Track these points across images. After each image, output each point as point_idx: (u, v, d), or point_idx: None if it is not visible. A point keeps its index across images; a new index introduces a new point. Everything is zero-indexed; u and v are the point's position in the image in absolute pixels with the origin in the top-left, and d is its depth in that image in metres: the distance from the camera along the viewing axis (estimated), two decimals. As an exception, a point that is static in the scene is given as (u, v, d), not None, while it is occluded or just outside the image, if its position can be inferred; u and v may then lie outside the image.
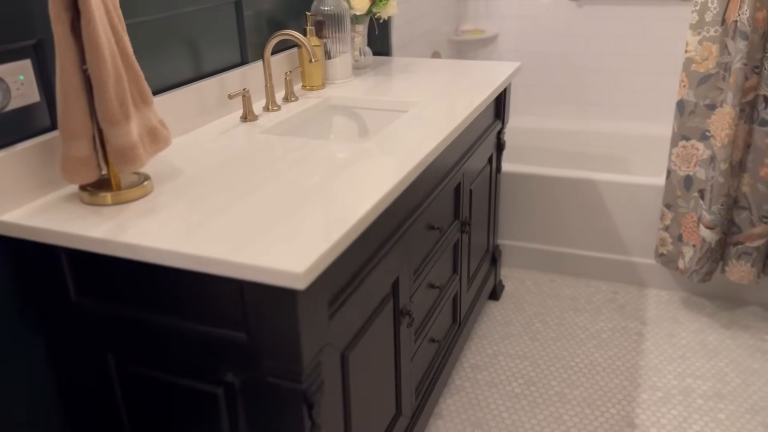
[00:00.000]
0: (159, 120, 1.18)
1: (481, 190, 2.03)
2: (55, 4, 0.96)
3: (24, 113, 1.11)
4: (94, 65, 1.00)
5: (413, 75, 1.99)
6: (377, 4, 1.99)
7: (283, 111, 1.67)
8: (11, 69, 1.07)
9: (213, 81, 1.58)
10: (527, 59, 3.05)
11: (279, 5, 1.84)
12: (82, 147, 1.07)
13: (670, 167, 2.13)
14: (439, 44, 2.86)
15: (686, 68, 1.99)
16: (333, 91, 1.85)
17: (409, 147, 1.35)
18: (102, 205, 1.11)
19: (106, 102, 1.03)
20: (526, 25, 3.00)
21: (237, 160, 1.30)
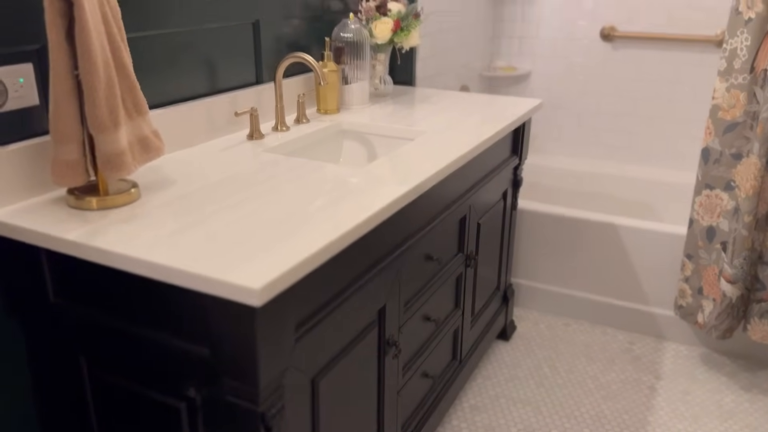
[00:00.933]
0: (153, 130, 1.19)
1: (493, 226, 1.99)
2: (50, 11, 0.99)
3: (21, 115, 1.14)
4: (85, 71, 1.02)
5: (432, 105, 1.98)
6: (399, 34, 2.00)
7: (291, 132, 1.68)
8: (12, 71, 1.10)
9: (225, 98, 1.60)
10: (559, 99, 3.01)
11: (301, 30, 1.87)
12: (72, 151, 1.08)
13: (692, 216, 2.05)
14: (469, 79, 2.86)
15: (713, 115, 1.92)
16: (347, 116, 1.85)
17: (407, 172, 1.34)
18: (87, 209, 1.12)
19: (95, 108, 1.05)
20: (560, 65, 2.97)
21: (233, 176, 1.31)
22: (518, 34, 3.01)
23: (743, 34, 1.81)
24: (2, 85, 1.08)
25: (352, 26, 1.90)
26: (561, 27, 2.92)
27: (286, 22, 1.79)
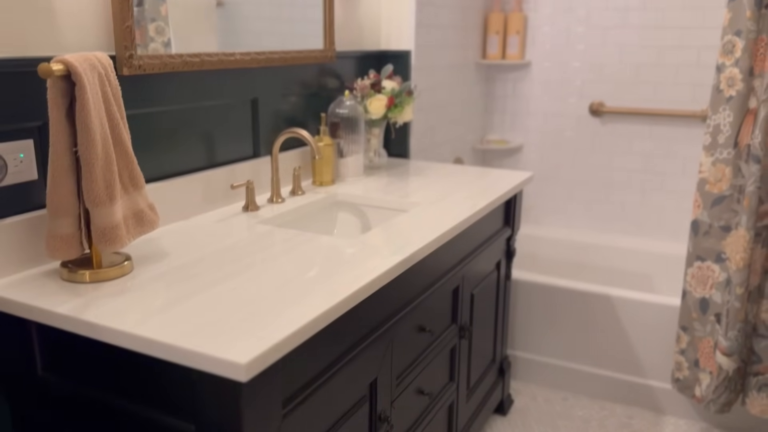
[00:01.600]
0: (148, 204, 1.22)
1: (487, 296, 1.99)
2: (52, 90, 1.03)
3: (19, 189, 1.17)
4: (84, 148, 1.06)
5: (425, 178, 2.02)
6: (393, 110, 2.06)
7: (286, 203, 1.71)
8: (13, 147, 1.14)
9: (222, 171, 1.63)
10: (552, 171, 3.07)
11: (298, 106, 1.93)
12: (67, 225, 1.10)
13: (685, 288, 2.05)
14: (463, 151, 2.92)
15: (700, 189, 1.96)
16: (342, 188, 1.89)
17: (400, 243, 1.35)
18: (80, 282, 1.13)
19: (92, 183, 1.08)
20: (551, 138, 3.04)
21: (227, 248, 1.32)
22: (509, 109, 3.10)
23: (725, 110, 1.87)
24: (2, 160, 1.12)
25: (348, 103, 1.96)
26: (551, 103, 3.01)
27: (284, 99, 1.86)
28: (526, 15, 2.98)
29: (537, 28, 2.98)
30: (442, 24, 2.51)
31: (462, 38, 2.74)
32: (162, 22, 1.37)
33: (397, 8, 2.29)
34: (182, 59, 1.41)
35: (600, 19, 2.84)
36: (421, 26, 2.34)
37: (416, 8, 2.28)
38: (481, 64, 3.01)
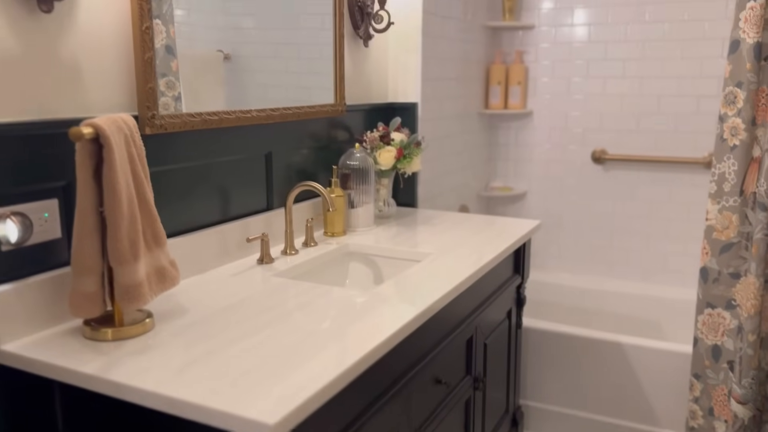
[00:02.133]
0: (170, 260, 1.23)
1: (499, 346, 1.99)
2: (81, 152, 1.06)
3: (44, 248, 1.18)
4: (110, 208, 1.08)
5: (435, 227, 2.04)
6: (402, 161, 2.10)
7: (300, 255, 1.72)
8: (38, 207, 1.16)
9: (236, 225, 1.65)
10: (556, 217, 3.10)
11: (310, 158, 1.96)
12: (91, 283, 1.11)
13: (696, 335, 2.05)
14: (468, 198, 2.95)
15: (708, 236, 1.98)
16: (353, 238, 1.91)
17: (416, 294, 1.36)
18: (102, 340, 1.13)
19: (117, 242, 1.09)
20: (554, 185, 3.08)
21: (244, 302, 1.33)
22: (512, 157, 3.15)
23: (730, 159, 1.91)
24: (28, 220, 1.13)
25: (358, 155, 2.00)
26: (553, 150, 3.05)
27: (296, 152, 1.89)
28: (526, 66, 3.05)
29: (538, 79, 3.05)
30: (446, 76, 2.58)
31: (465, 89, 2.80)
32: (173, 77, 1.40)
33: (403, 62, 2.35)
34: (201, 118, 1.45)
35: (599, 70, 2.91)
36: (427, 79, 2.40)
37: (422, 62, 2.34)
38: (484, 114, 3.07)
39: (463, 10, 2.69)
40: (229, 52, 1.58)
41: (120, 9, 1.27)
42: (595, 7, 2.88)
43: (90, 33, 1.22)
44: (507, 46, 3.09)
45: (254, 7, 1.63)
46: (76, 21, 1.19)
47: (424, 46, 2.34)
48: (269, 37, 1.70)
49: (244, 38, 1.61)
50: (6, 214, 1.10)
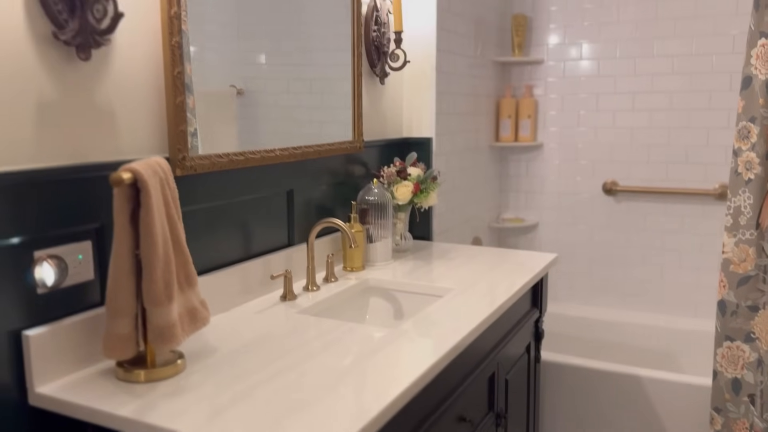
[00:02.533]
0: (201, 300, 1.24)
1: (519, 380, 1.98)
2: (119, 197, 1.08)
3: (78, 289, 1.20)
4: (146, 251, 1.09)
5: (451, 261, 2.06)
6: (419, 195, 2.12)
7: (322, 291, 1.73)
8: (73, 249, 1.17)
9: (258, 261, 1.67)
10: (568, 248, 3.11)
11: (328, 194, 1.98)
12: (125, 324, 1.12)
13: (716, 368, 2.05)
14: (480, 230, 2.97)
15: (725, 269, 1.99)
16: (372, 273, 1.92)
17: (442, 332, 1.37)
18: (135, 382, 1.14)
19: (152, 284, 1.11)
20: (566, 216, 3.09)
21: (271, 340, 1.34)
22: (524, 188, 3.17)
23: (745, 193, 1.93)
24: (64, 263, 1.15)
25: (376, 190, 2.02)
26: (564, 182, 3.08)
27: (315, 188, 1.91)
28: (536, 100, 3.10)
29: (547, 112, 3.08)
30: (458, 111, 2.61)
31: (476, 123, 2.84)
32: (190, 114, 1.41)
33: (418, 98, 2.39)
34: (229, 158, 1.47)
35: (608, 103, 2.95)
36: (441, 114, 2.43)
37: (436, 98, 2.38)
38: (495, 147, 3.10)
39: (474, 46, 2.74)
40: (242, 87, 1.61)
41: (153, 54, 1.30)
42: (603, 42, 2.93)
43: (124, 78, 1.25)
44: (516, 80, 3.13)
45: (266, 44, 1.65)
46: (111, 67, 1.22)
47: (438, 82, 2.38)
48: (281, 72, 1.72)
49: (255, 73, 1.63)
50: (43, 258, 1.11)
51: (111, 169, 1.22)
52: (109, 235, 1.24)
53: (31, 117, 1.09)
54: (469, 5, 2.65)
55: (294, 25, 1.74)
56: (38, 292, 1.12)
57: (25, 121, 1.08)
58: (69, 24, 1.10)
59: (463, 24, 2.60)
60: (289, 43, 1.73)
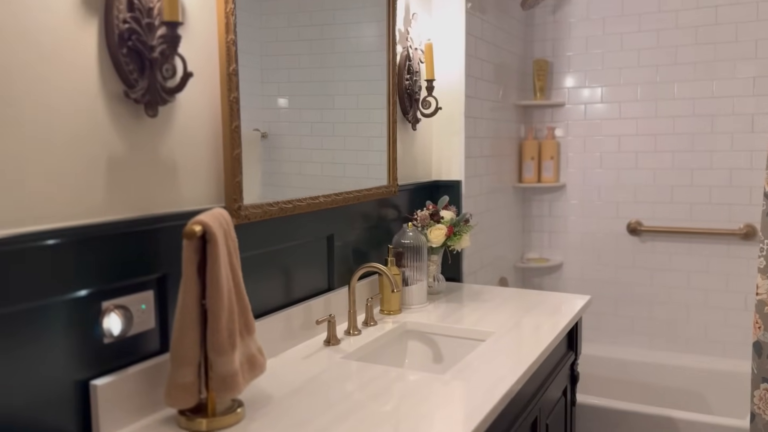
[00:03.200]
0: (258, 347, 1.26)
1: (557, 424, 1.97)
2: (188, 249, 1.11)
3: (140, 338, 1.22)
4: (212, 300, 1.12)
5: (486, 303, 2.07)
6: (452, 238, 2.15)
7: (363, 335, 1.75)
8: (137, 299, 1.20)
9: (301, 307, 1.69)
10: (593, 287, 3.12)
11: (363, 238, 2.02)
12: (189, 373, 1.15)
13: (753, 410, 2.04)
14: (505, 270, 2.98)
15: (759, 310, 2.00)
16: (409, 316, 1.93)
17: (492, 379, 1.38)
18: (197, 431, 1.15)
19: (217, 333, 1.13)
20: (590, 256, 3.11)
21: (322, 387, 1.35)
22: (547, 228, 3.20)
23: (777, 234, 1.95)
24: (129, 312, 1.18)
25: (410, 233, 2.05)
26: (588, 222, 3.11)
27: (351, 232, 1.95)
28: (558, 142, 3.15)
29: (570, 153, 3.13)
30: (484, 154, 2.66)
31: (500, 165, 2.89)
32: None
33: (447, 142, 2.44)
34: (278, 206, 1.51)
35: (631, 145, 2.99)
36: (468, 157, 2.48)
37: (465, 142, 2.42)
38: (518, 187, 3.14)
39: (497, 91, 2.80)
40: (266, 131, 1.63)
41: (212, 109, 1.35)
42: (623, 86, 2.99)
43: (185, 132, 1.30)
44: (538, 122, 3.19)
45: (291, 88, 1.66)
46: (174, 122, 1.27)
47: (467, 126, 2.43)
48: (306, 116, 1.74)
49: (279, 117, 1.64)
50: (110, 308, 1.14)
51: (173, 220, 1.26)
52: (171, 284, 1.27)
53: (101, 172, 1.13)
54: (493, 51, 2.72)
55: (324, 72, 1.79)
56: (104, 342, 1.15)
57: (95, 176, 1.12)
58: (139, 83, 1.15)
59: (488, 70, 2.67)
60: (314, 89, 1.74)
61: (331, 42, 1.78)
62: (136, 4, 1.13)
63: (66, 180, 1.07)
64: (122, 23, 1.12)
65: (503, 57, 2.85)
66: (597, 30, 3.03)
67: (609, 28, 3.01)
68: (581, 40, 3.07)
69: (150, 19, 1.15)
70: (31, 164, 1.01)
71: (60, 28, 1.05)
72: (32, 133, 1.01)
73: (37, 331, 1.03)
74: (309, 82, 1.71)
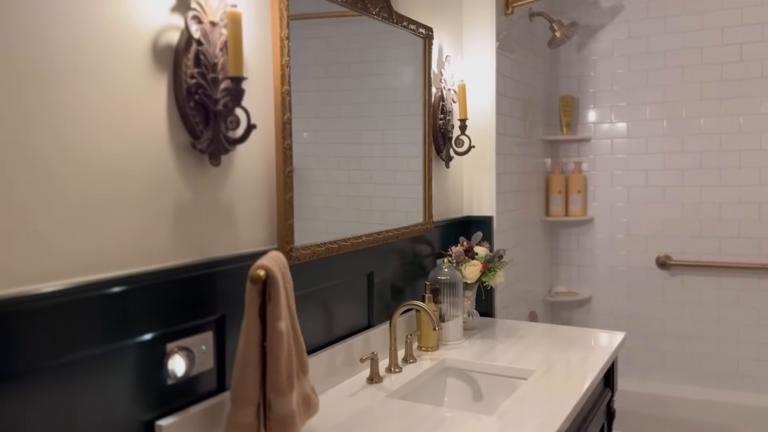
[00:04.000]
0: (312, 387, 1.30)
1: (593, 462, 1.98)
2: (251, 293, 1.16)
3: (200, 378, 1.26)
4: (272, 343, 1.16)
5: (521, 340, 2.09)
6: (487, 274, 2.18)
7: (404, 373, 1.77)
8: (197, 340, 1.25)
9: (342, 345, 1.72)
10: (622, 321, 3.12)
11: (398, 275, 2.05)
12: (248, 414, 1.18)
13: (795, 448, 2.02)
14: (534, 304, 3.00)
15: (798, 346, 2.00)
16: (446, 353, 1.96)
17: (534, 422, 1.40)
18: (255, 469, 1.18)
19: (277, 374, 1.17)
20: (619, 290, 3.12)
21: (372, 427, 1.38)
22: (575, 262, 3.22)
23: (814, 272, 1.96)
24: (191, 353, 1.22)
25: (446, 269, 2.09)
26: (616, 256, 3.12)
27: (388, 269, 1.98)
28: (585, 176, 3.18)
29: (597, 187, 3.16)
30: (513, 189, 2.70)
31: (528, 199, 2.92)
32: None
33: (478, 179, 2.48)
34: (325, 247, 1.56)
35: (658, 179, 3.02)
36: (499, 193, 2.52)
37: (496, 178, 2.47)
38: (546, 221, 3.17)
39: (524, 127, 2.85)
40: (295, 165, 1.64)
41: (267, 155, 1.41)
42: (649, 120, 3.03)
43: (243, 178, 1.35)
44: (565, 157, 3.23)
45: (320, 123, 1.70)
46: (234, 170, 1.33)
47: (497, 163, 2.48)
48: (335, 150, 1.77)
49: (305, 152, 1.67)
50: (174, 350, 1.19)
51: (231, 263, 1.31)
52: (229, 325, 1.31)
53: (168, 219, 1.19)
54: (521, 89, 2.78)
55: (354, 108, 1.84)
56: (168, 383, 1.19)
57: (162, 223, 1.18)
58: (204, 134, 1.21)
59: (515, 107, 2.72)
60: (339, 124, 1.77)
61: (360, 79, 1.81)
62: (202, 59, 1.20)
63: (135, 227, 1.12)
64: (189, 78, 1.19)
65: (530, 93, 2.91)
66: (622, 66, 3.08)
67: (634, 65, 3.06)
68: (606, 77, 3.12)
69: (215, 73, 1.22)
70: (104, 213, 1.07)
71: (133, 86, 1.11)
72: (106, 184, 1.07)
73: (106, 374, 1.07)
74: (338, 117, 1.75)
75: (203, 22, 1.20)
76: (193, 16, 1.18)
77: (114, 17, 1.07)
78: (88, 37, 1.03)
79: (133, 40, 1.11)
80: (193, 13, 1.19)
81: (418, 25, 2.00)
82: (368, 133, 1.89)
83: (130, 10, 1.10)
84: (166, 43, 1.18)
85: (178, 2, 1.19)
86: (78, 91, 1.02)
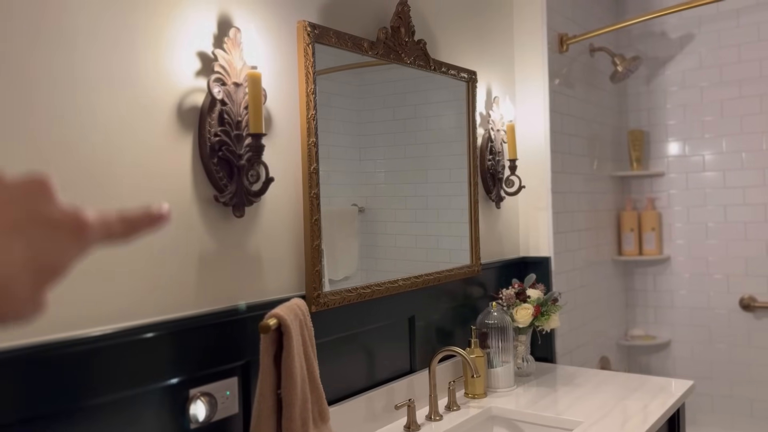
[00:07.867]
0: (332, 435, 1.31)
1: None
2: (265, 341, 1.20)
3: (224, 424, 1.30)
4: (286, 391, 1.19)
5: (578, 388, 2.00)
6: (540, 318, 2.11)
7: (444, 421, 1.74)
8: (222, 386, 1.29)
9: (383, 390, 1.72)
10: (705, 367, 2.91)
11: (446, 318, 2.03)
12: (265, 459, 1.21)
13: None
14: (608, 348, 2.86)
15: None
16: (494, 400, 1.90)
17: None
18: None
19: (291, 422, 1.19)
20: (701, 333, 2.92)
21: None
22: (652, 303, 3.05)
23: None
24: (214, 399, 1.27)
25: (495, 313, 2.04)
26: (696, 297, 2.93)
27: (434, 313, 1.97)
28: (659, 212, 3.03)
29: (673, 224, 3.00)
30: (577, 228, 2.62)
31: (597, 238, 2.82)
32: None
33: (534, 219, 2.43)
34: (357, 292, 1.58)
35: (738, 215, 2.83)
36: (558, 233, 2.45)
37: (553, 217, 2.41)
38: (618, 261, 3.03)
39: (589, 164, 2.77)
40: (363, 205, 1.71)
41: (294, 204, 1.46)
42: (727, 153, 2.86)
43: (269, 228, 1.41)
44: (636, 193, 3.10)
45: (387, 164, 1.75)
46: (259, 220, 1.39)
47: (554, 203, 2.42)
48: (399, 190, 1.81)
49: (374, 192, 1.73)
50: (197, 395, 1.24)
51: (258, 309, 1.36)
52: (254, 372, 1.35)
53: (193, 269, 1.25)
54: (582, 125, 2.71)
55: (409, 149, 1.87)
56: (191, 427, 1.24)
57: (188, 273, 1.24)
58: (228, 188, 1.28)
59: (577, 143, 2.65)
60: (406, 165, 1.83)
61: (403, 122, 1.86)
62: (226, 118, 1.27)
63: (162, 278, 1.19)
64: (213, 136, 1.26)
65: (595, 129, 2.83)
66: (694, 97, 2.94)
67: (708, 96, 2.91)
68: (679, 109, 2.99)
69: (239, 131, 1.29)
70: (132, 265, 1.14)
71: (160, 146, 1.20)
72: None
73: (131, 417, 1.14)
74: (396, 158, 1.80)
75: (227, 83, 1.28)
76: (215, 78, 1.26)
77: (149, 84, 1.17)
78: (123, 96, 1.13)
79: (163, 101, 1.20)
80: (216, 76, 1.27)
81: (459, 70, 2.02)
82: (417, 174, 1.93)
83: (160, 75, 1.20)
84: (192, 104, 1.26)
85: (202, 67, 1.28)
86: (114, 147, 1.11)
